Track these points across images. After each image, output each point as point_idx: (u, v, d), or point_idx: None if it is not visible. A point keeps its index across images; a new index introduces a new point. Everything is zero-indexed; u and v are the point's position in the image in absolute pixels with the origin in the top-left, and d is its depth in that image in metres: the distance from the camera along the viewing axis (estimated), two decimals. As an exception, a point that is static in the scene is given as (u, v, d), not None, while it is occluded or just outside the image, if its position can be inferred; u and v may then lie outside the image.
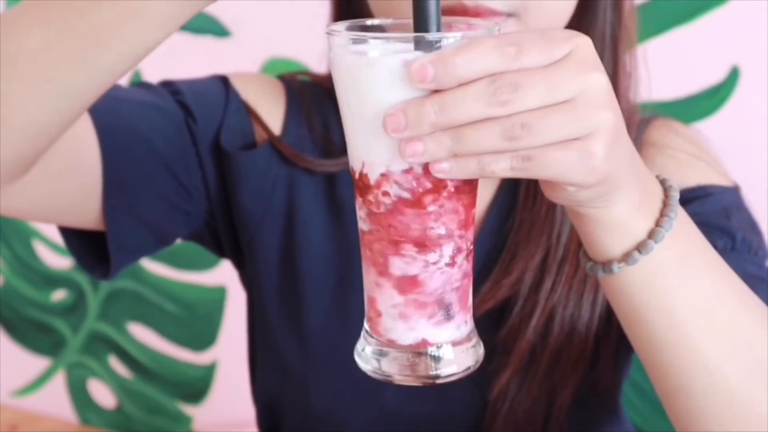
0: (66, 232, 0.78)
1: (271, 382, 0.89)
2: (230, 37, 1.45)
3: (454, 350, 0.54)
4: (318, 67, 0.92)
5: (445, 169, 0.48)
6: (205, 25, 1.46)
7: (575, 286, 0.80)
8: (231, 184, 0.81)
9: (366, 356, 0.55)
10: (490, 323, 0.79)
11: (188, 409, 1.66)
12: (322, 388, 0.84)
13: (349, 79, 0.50)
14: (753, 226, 0.78)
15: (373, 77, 0.48)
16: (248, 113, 0.83)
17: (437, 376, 0.53)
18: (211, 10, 1.45)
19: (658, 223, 0.56)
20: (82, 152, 0.72)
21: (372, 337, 0.55)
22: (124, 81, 1.52)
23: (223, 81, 0.84)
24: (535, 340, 0.79)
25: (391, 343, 0.54)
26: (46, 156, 0.63)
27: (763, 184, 1.12)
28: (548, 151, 0.47)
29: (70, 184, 0.71)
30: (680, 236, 0.56)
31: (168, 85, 0.82)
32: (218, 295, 1.56)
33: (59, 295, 1.70)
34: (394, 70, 0.47)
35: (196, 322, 1.61)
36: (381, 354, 0.54)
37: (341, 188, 0.82)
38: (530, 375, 0.80)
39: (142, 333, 1.65)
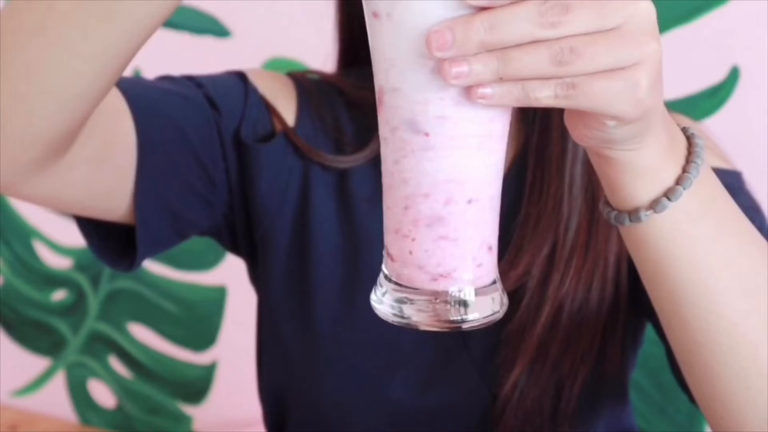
0: (84, 226, 0.78)
1: (278, 378, 0.89)
2: (230, 37, 1.45)
3: (478, 296, 0.52)
4: (320, 68, 0.92)
5: (487, 95, 0.46)
6: (205, 25, 1.46)
7: (583, 278, 0.79)
8: (249, 177, 0.82)
9: (385, 302, 0.52)
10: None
11: (188, 409, 1.66)
12: (329, 383, 0.84)
13: None
14: (755, 207, 0.78)
15: None
16: (266, 107, 0.84)
17: (463, 321, 0.51)
18: (211, 10, 1.45)
19: (685, 169, 0.54)
20: (119, 133, 0.72)
21: (391, 281, 0.52)
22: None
23: (241, 76, 0.85)
24: (544, 333, 0.79)
25: (413, 288, 0.51)
26: (84, 135, 0.63)
27: (764, 184, 1.12)
28: (595, 79, 0.46)
29: (105, 168, 0.71)
30: (706, 183, 0.55)
31: (190, 79, 0.82)
32: (218, 295, 1.56)
33: (59, 295, 1.70)
34: None
35: (196, 322, 1.60)
36: (402, 300, 0.52)
37: (353, 183, 0.83)
38: (539, 367, 0.80)
39: (142, 333, 1.65)
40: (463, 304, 0.51)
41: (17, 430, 1.70)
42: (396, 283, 0.52)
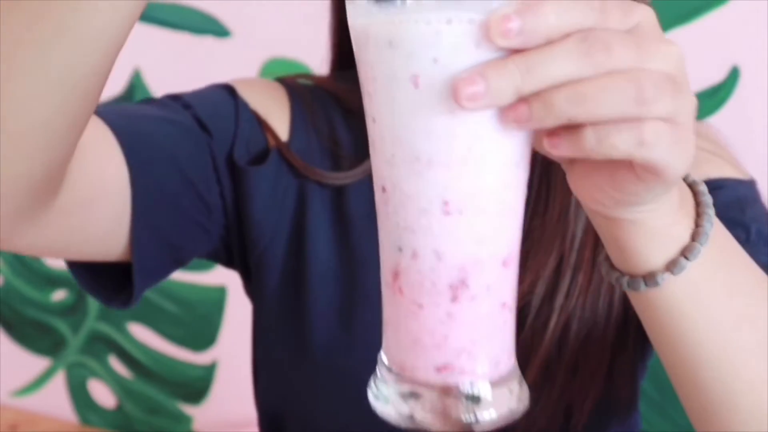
0: (75, 267, 0.73)
1: (274, 398, 0.87)
2: (230, 37, 1.45)
3: (493, 390, 0.45)
4: (320, 68, 0.92)
5: (554, 143, 0.41)
6: (205, 25, 1.46)
7: (590, 295, 0.75)
8: (243, 201, 0.79)
9: (385, 397, 0.46)
10: None
11: (188, 409, 1.66)
12: (326, 408, 0.82)
13: (387, 51, 0.41)
14: None
15: (433, 42, 0.40)
16: (258, 122, 0.80)
17: (475, 422, 0.44)
18: (211, 10, 1.45)
19: (697, 223, 0.50)
20: (110, 172, 0.67)
21: (391, 372, 0.46)
22: (123, 80, 1.53)
23: (229, 90, 0.80)
24: (550, 354, 0.75)
25: (416, 381, 0.44)
26: (73, 177, 0.59)
27: (764, 184, 1.11)
28: (670, 128, 0.41)
29: (99, 210, 0.67)
30: (717, 235, 0.51)
31: (176, 99, 0.78)
32: (218, 295, 1.56)
33: (59, 295, 1.70)
34: (463, 30, 0.39)
35: (196, 322, 1.60)
36: (405, 395, 0.45)
37: (350, 200, 0.80)
38: (545, 392, 0.76)
39: (142, 333, 1.65)
40: (476, 401, 0.44)
41: (17, 430, 1.70)
42: (395, 374, 0.46)
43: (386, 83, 0.41)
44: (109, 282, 0.74)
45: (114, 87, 1.51)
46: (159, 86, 1.50)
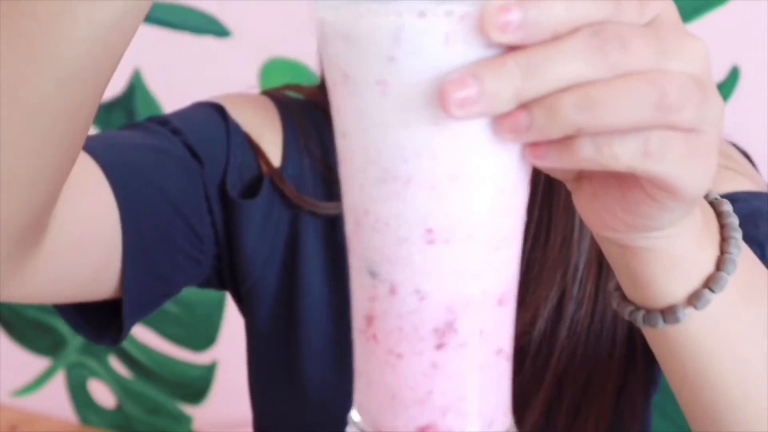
0: (61, 306, 0.70)
1: (268, 424, 0.85)
2: (230, 37, 1.45)
3: None
4: (320, 69, 0.92)
5: (541, 154, 0.35)
6: (205, 25, 1.46)
7: (592, 332, 0.69)
8: (235, 233, 0.76)
9: None
10: None
11: (188, 409, 1.66)
12: None
13: (366, 53, 0.34)
14: None
15: (413, 39, 0.33)
16: (251, 145, 0.76)
17: None
18: (211, 10, 1.45)
19: (723, 249, 0.44)
20: (99, 211, 0.64)
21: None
22: (123, 80, 1.52)
23: (219, 111, 0.76)
24: (550, 397, 0.70)
25: None
26: (61, 219, 0.56)
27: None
28: (688, 138, 0.35)
29: (89, 251, 0.64)
30: (745, 261, 0.44)
31: (164, 124, 0.74)
32: (218, 295, 1.56)
33: (59, 295, 1.70)
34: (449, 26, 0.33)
35: (196, 322, 1.60)
36: None
37: (342, 231, 0.78)
38: None
39: (142, 333, 1.65)
40: None
41: (17, 430, 1.70)
42: None
43: (351, 90, 0.35)
44: (96, 318, 0.71)
45: (114, 87, 1.50)
46: (159, 86, 1.50)
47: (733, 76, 1.19)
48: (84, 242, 0.62)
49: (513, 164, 0.35)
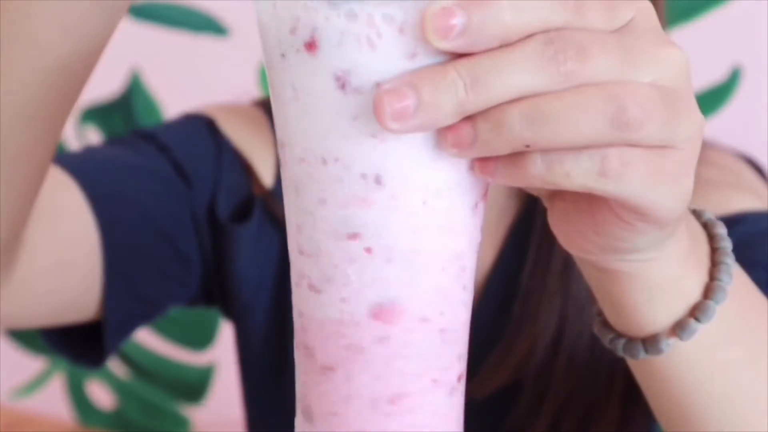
0: (44, 329, 0.68)
1: None
2: (230, 37, 1.45)
3: None
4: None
5: (491, 170, 0.32)
6: (204, 25, 1.46)
7: (592, 363, 0.65)
8: (225, 256, 0.74)
9: None
10: (493, 411, 0.68)
11: (187, 410, 1.65)
12: None
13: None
14: None
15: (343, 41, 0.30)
16: (241, 163, 0.74)
17: None
18: (211, 10, 1.45)
19: (712, 275, 0.41)
20: (79, 234, 0.62)
21: None
22: (122, 80, 1.52)
23: (209, 125, 0.74)
24: (549, 429, 0.67)
25: None
26: (39, 244, 0.54)
27: (765, 184, 1.11)
28: (652, 156, 0.31)
29: (69, 275, 0.62)
30: (738, 288, 0.41)
31: (150, 139, 0.71)
32: (217, 296, 1.56)
33: (58, 296, 1.69)
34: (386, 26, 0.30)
35: (196, 322, 1.60)
36: None
37: None
38: None
39: (141, 333, 1.64)
40: None
41: (16, 430, 1.70)
42: None
43: (280, 95, 0.32)
44: (78, 340, 0.69)
45: (113, 87, 1.50)
46: (158, 86, 1.50)
47: (735, 75, 1.18)
48: (62, 266, 0.59)
49: (452, 178, 0.32)
